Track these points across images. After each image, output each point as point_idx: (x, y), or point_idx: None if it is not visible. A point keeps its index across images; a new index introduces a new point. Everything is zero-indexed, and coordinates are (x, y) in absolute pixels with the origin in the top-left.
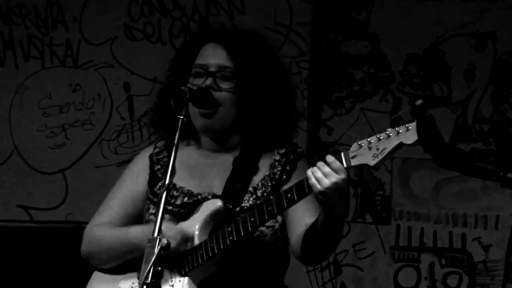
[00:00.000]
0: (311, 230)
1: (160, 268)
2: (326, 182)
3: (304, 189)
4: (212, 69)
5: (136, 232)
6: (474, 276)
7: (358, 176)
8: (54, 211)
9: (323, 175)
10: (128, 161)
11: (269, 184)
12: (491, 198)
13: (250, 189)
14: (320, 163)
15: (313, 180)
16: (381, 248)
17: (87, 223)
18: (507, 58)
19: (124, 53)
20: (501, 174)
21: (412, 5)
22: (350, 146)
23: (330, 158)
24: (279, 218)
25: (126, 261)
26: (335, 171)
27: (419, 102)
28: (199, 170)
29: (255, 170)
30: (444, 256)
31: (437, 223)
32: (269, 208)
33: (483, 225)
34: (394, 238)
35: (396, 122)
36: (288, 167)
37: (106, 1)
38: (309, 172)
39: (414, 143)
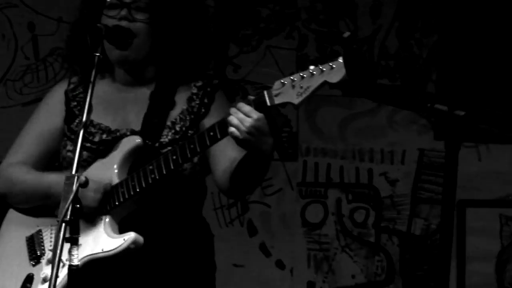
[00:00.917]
0: (240, 167)
1: (79, 206)
2: (243, 128)
3: (227, 127)
4: (127, 0)
5: (51, 179)
6: (381, 211)
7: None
8: None
9: (239, 121)
10: (34, 101)
11: (188, 118)
12: (397, 133)
13: (169, 123)
14: (233, 110)
15: (232, 129)
16: (288, 184)
17: None
18: None
19: None
20: (429, 105)
21: None
22: (273, 85)
23: (241, 105)
24: None
25: (40, 205)
26: (247, 114)
27: (347, 34)
28: (115, 105)
29: (172, 105)
30: (351, 191)
31: (344, 159)
32: (191, 146)
33: (389, 160)
34: (301, 174)
35: (302, 59)
36: (206, 100)
37: None
38: (233, 116)
39: (338, 82)
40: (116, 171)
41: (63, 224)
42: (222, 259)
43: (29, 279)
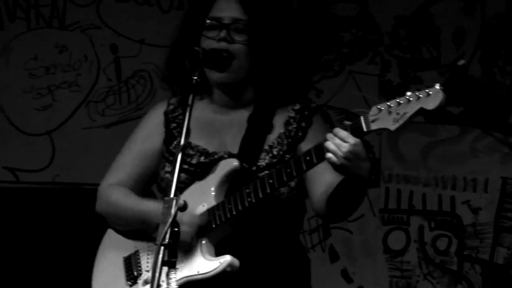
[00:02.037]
0: (337, 192)
1: (177, 229)
2: (340, 154)
3: (323, 152)
4: (226, 21)
5: (149, 209)
6: (463, 239)
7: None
8: (41, 172)
9: (336, 147)
10: (116, 123)
11: (285, 142)
12: (480, 161)
13: (266, 147)
14: (330, 135)
15: (329, 155)
16: (370, 211)
17: (74, 184)
18: (496, 21)
19: (111, 14)
20: None
21: None
22: (370, 111)
23: (337, 130)
24: None
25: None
26: (344, 140)
27: (461, 62)
28: (213, 127)
29: (270, 128)
30: (434, 219)
31: (426, 186)
32: (288, 170)
33: (472, 188)
34: (383, 200)
35: (385, 84)
36: (303, 124)
37: None
38: (330, 141)
39: (435, 109)
40: (213, 193)
41: (162, 248)
42: None
43: None
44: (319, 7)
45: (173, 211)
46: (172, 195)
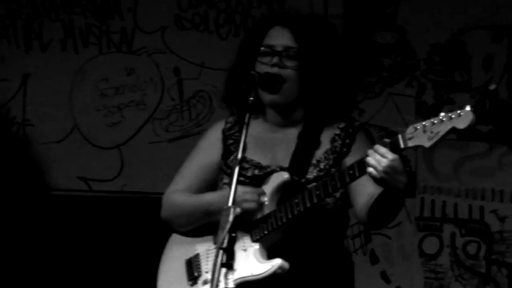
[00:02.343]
0: (377, 202)
1: (234, 235)
2: (380, 168)
3: (365, 166)
4: (278, 49)
5: (211, 197)
6: (491, 244)
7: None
8: (110, 182)
9: (376, 162)
10: (179, 138)
11: (331, 157)
12: (507, 174)
13: (314, 162)
14: (371, 151)
15: (370, 169)
16: (407, 219)
17: (140, 193)
18: None
19: (174, 41)
20: None
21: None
22: (407, 129)
23: (377, 147)
24: None
25: (202, 224)
26: (383, 156)
27: (493, 87)
28: (266, 143)
29: (318, 144)
30: (464, 226)
31: (458, 197)
32: (333, 183)
33: (499, 199)
34: (418, 210)
35: (420, 105)
36: (347, 140)
37: None
38: (371, 157)
39: (465, 128)
40: (266, 203)
41: (221, 251)
42: None
43: None
44: (362, 35)
45: (231, 218)
46: (230, 203)
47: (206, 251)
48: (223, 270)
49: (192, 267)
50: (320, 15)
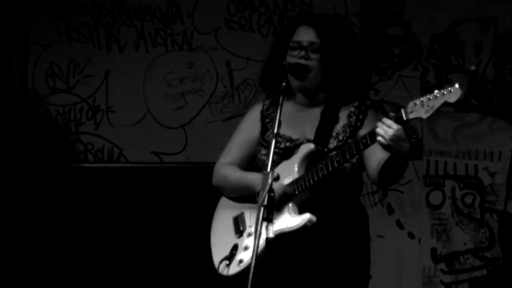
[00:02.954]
0: (386, 165)
1: (273, 194)
2: (387, 136)
3: (375, 136)
4: (305, 44)
5: (251, 178)
6: (484, 195)
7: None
8: (177, 155)
9: (384, 132)
10: (231, 118)
11: (348, 130)
12: (496, 138)
13: (334, 134)
14: (379, 123)
15: (379, 138)
16: (416, 177)
17: (203, 163)
18: (505, 36)
19: (226, 39)
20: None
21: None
22: (408, 104)
23: (384, 119)
24: None
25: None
26: (389, 126)
27: (473, 68)
28: (296, 120)
29: (337, 120)
30: (462, 181)
31: (456, 158)
32: (350, 150)
33: (490, 158)
34: (425, 169)
35: (424, 85)
36: (361, 116)
37: (210, 1)
38: (380, 128)
39: (455, 101)
40: (296, 169)
41: (262, 208)
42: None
43: (235, 247)
44: (376, 29)
45: (269, 181)
46: (269, 169)
47: (249, 209)
48: (264, 223)
49: (238, 223)
50: (339, 15)
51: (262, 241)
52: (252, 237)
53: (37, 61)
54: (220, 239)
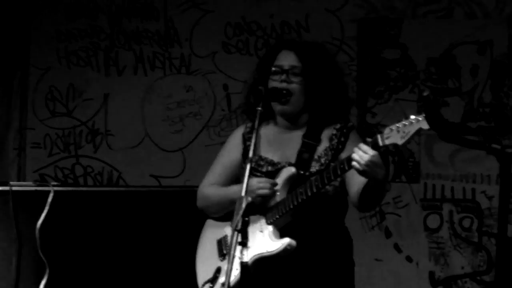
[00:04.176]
0: (364, 190)
1: (247, 219)
2: (362, 162)
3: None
4: (286, 68)
5: (235, 190)
6: (482, 219)
7: (395, 149)
8: (176, 178)
9: (359, 157)
10: None
11: (330, 153)
12: (493, 161)
13: (316, 157)
14: (355, 149)
15: (354, 163)
16: (413, 200)
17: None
18: (502, 59)
19: (223, 63)
20: (487, 144)
21: (430, 22)
22: (384, 130)
23: (361, 145)
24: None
25: (229, 211)
26: (365, 152)
27: (426, 93)
28: (277, 143)
29: (319, 143)
30: (460, 205)
31: (454, 181)
32: (328, 175)
33: (487, 182)
34: (422, 192)
35: (421, 108)
36: (342, 139)
37: (207, 25)
38: (356, 154)
39: (429, 128)
40: (278, 193)
41: (235, 232)
42: (367, 255)
43: (218, 270)
44: (372, 53)
45: (243, 205)
46: (243, 194)
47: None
48: (239, 247)
49: (222, 246)
50: (318, 41)
51: (237, 265)
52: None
53: (37, 84)
54: (205, 262)
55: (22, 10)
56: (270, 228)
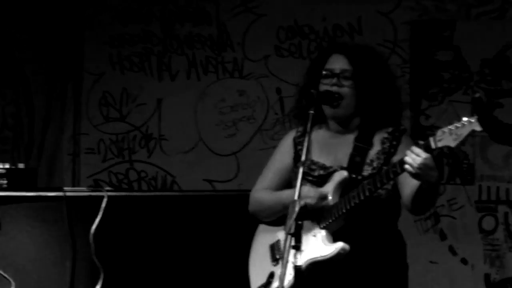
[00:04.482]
0: (417, 193)
1: (300, 222)
2: (415, 165)
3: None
4: (337, 71)
5: (287, 194)
6: None
7: (448, 151)
8: (229, 182)
9: (412, 160)
10: None
11: (382, 156)
12: None
13: (368, 161)
14: (408, 152)
15: (407, 166)
16: (468, 202)
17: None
18: None
19: (275, 66)
20: None
21: (483, 23)
22: (437, 132)
23: (413, 148)
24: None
25: (281, 216)
26: (418, 155)
27: (477, 94)
28: (329, 147)
29: (370, 146)
30: None
31: (509, 182)
32: (380, 179)
33: None
34: (477, 194)
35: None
36: (394, 142)
37: (260, 29)
38: (408, 157)
39: (482, 130)
40: (330, 197)
41: (289, 236)
42: (421, 258)
43: (271, 275)
44: (426, 55)
45: (296, 209)
46: (296, 197)
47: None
48: (292, 251)
49: (274, 250)
50: (369, 44)
51: (290, 270)
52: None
53: (90, 90)
54: (258, 267)
55: (76, 15)
56: (323, 232)
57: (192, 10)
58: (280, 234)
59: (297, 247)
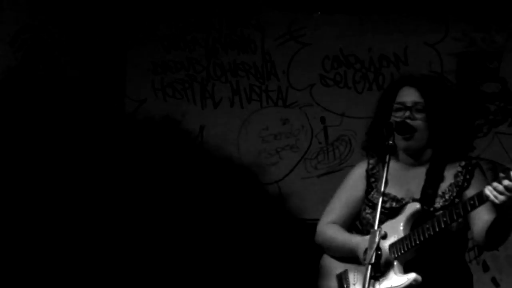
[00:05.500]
0: (492, 227)
1: (380, 252)
2: (502, 198)
3: (483, 198)
4: (409, 104)
5: (357, 241)
6: None
7: None
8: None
9: (498, 193)
10: (325, 174)
11: (455, 189)
12: None
13: (440, 193)
14: (495, 184)
15: (491, 197)
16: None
17: (298, 219)
18: None
19: (320, 95)
20: None
21: None
22: None
23: (505, 181)
24: None
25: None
26: (508, 190)
27: None
28: (401, 179)
29: (442, 179)
30: None
31: None
32: (457, 211)
33: None
34: None
35: None
36: (468, 176)
37: (305, 58)
38: (488, 190)
39: None
40: (401, 228)
41: (369, 266)
42: None
43: None
44: (472, 86)
45: (377, 239)
46: (376, 227)
47: (353, 267)
48: (372, 282)
49: (342, 280)
50: (437, 74)
51: None
52: None
53: (132, 116)
54: None
55: (119, 41)
56: (395, 262)
57: (236, 38)
58: (348, 264)
59: (376, 277)
